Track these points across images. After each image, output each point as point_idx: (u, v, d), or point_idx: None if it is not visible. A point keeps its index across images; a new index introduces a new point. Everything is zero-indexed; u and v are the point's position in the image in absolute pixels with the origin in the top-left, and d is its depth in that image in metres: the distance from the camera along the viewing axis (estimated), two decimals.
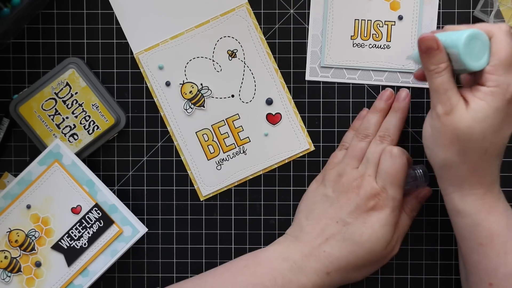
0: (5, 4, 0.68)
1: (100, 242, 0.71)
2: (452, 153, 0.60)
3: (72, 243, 0.71)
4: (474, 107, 0.58)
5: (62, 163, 0.72)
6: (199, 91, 0.75)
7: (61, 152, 0.72)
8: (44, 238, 0.72)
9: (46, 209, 0.72)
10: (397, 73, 0.75)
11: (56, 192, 0.72)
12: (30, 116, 0.73)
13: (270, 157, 0.75)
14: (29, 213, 0.72)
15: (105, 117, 0.74)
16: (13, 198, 0.72)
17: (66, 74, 0.73)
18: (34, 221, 0.72)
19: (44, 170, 0.72)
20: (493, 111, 0.57)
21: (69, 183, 0.72)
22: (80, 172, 0.72)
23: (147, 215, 0.76)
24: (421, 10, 0.74)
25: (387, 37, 0.75)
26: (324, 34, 0.75)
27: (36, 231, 0.71)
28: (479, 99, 0.58)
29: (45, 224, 0.72)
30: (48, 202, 0.72)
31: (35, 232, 0.71)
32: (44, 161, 0.72)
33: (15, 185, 0.72)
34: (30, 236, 0.71)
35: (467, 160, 0.60)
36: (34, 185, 0.72)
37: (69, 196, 0.72)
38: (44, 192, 0.72)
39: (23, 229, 0.71)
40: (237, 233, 0.76)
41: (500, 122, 0.58)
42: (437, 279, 0.75)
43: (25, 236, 0.71)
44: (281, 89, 0.75)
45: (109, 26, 0.75)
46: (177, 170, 0.76)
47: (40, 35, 0.75)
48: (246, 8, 0.75)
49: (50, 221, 0.72)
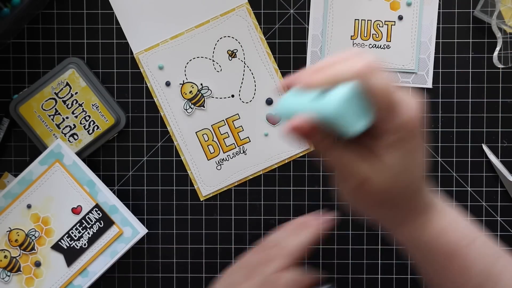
0: (5, 4, 0.68)
1: (100, 242, 0.71)
2: (380, 210, 0.53)
3: (72, 243, 0.71)
4: (381, 166, 0.48)
5: (63, 163, 0.72)
6: (199, 91, 0.75)
7: (62, 152, 0.72)
8: (44, 238, 0.72)
9: (47, 209, 0.72)
10: (397, 73, 0.75)
11: (57, 192, 0.72)
12: (30, 116, 0.73)
13: (270, 157, 0.75)
14: (29, 212, 0.72)
15: (105, 117, 0.73)
16: (14, 198, 0.72)
17: (66, 74, 0.73)
18: (34, 221, 0.72)
19: (45, 170, 0.72)
20: (402, 158, 0.48)
21: (69, 183, 0.72)
22: (81, 173, 0.72)
23: (147, 215, 0.76)
24: (421, 10, 0.74)
25: (387, 37, 0.75)
26: (324, 34, 0.75)
27: (36, 230, 0.71)
28: (384, 155, 0.48)
29: (45, 224, 0.72)
30: (49, 202, 0.72)
31: (35, 231, 0.71)
32: (45, 161, 0.72)
33: (15, 185, 0.72)
34: (30, 236, 0.71)
35: (398, 206, 0.52)
36: (35, 184, 0.72)
37: (70, 196, 0.72)
38: (45, 192, 0.72)
39: (23, 229, 0.71)
40: (237, 233, 0.76)
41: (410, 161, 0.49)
42: None
43: (25, 235, 0.71)
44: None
45: (109, 26, 0.75)
46: (177, 170, 0.76)
47: (40, 35, 0.75)
48: (246, 8, 0.75)
49: (50, 221, 0.72)
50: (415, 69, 0.74)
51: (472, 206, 0.75)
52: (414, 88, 0.75)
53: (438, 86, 0.75)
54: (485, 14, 0.73)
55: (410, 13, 0.74)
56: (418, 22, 0.74)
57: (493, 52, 0.74)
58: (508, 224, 0.75)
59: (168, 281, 0.76)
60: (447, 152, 0.75)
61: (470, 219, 0.75)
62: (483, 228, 0.75)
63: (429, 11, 0.74)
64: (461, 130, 0.75)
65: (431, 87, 0.75)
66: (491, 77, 0.75)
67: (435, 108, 0.75)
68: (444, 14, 0.75)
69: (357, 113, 0.45)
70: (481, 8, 0.73)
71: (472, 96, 0.75)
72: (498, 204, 0.75)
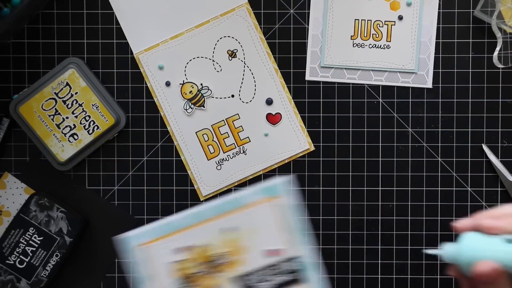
0: (5, 4, 0.68)
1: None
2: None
3: (254, 285, 0.67)
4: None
5: (279, 202, 0.67)
6: (199, 91, 0.75)
7: (281, 192, 0.67)
8: (232, 264, 0.67)
9: (246, 238, 0.67)
10: (397, 73, 0.75)
11: (261, 226, 0.67)
12: (30, 116, 0.73)
13: (270, 157, 0.75)
14: (227, 235, 0.67)
15: (105, 117, 0.74)
16: (220, 213, 0.67)
17: (66, 74, 0.73)
18: (229, 245, 0.67)
19: (258, 201, 0.67)
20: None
21: (276, 224, 0.67)
22: (291, 218, 0.67)
23: (147, 215, 0.76)
24: (421, 10, 0.74)
25: (387, 37, 0.75)
26: (324, 34, 0.75)
27: (226, 254, 0.67)
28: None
29: (238, 253, 0.67)
30: (250, 233, 0.67)
31: (225, 255, 0.67)
32: (261, 192, 0.67)
33: (225, 203, 0.67)
34: (218, 257, 0.67)
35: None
36: (245, 211, 0.67)
37: (272, 237, 0.67)
38: (250, 222, 0.67)
39: (216, 248, 0.67)
40: None
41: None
42: (437, 279, 0.75)
43: (215, 254, 0.67)
44: (281, 89, 0.75)
45: (109, 26, 0.75)
46: (177, 170, 0.76)
47: (40, 35, 0.75)
48: (246, 8, 0.75)
49: (244, 251, 0.67)
50: (415, 69, 0.74)
51: (472, 206, 0.75)
52: (414, 88, 0.75)
53: (438, 86, 0.75)
54: (485, 14, 0.73)
55: (410, 13, 0.74)
56: (418, 22, 0.74)
57: (493, 52, 0.74)
58: None
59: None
60: (447, 152, 0.75)
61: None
62: None
63: (429, 11, 0.74)
64: (461, 130, 0.75)
65: (431, 87, 0.75)
66: (491, 77, 0.75)
67: (435, 108, 0.75)
68: (444, 14, 0.75)
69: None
70: (481, 8, 0.73)
71: (472, 96, 0.75)
72: (498, 204, 0.75)
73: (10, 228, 0.73)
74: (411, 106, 0.75)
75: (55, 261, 0.73)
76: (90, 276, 0.76)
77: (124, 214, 0.76)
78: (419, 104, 0.75)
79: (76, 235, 0.73)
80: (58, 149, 0.74)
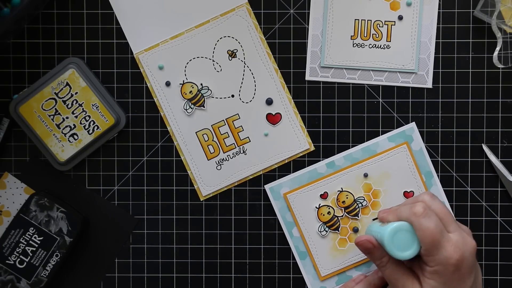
0: (5, 4, 0.68)
1: None
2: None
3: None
4: (426, 286, 0.62)
5: (411, 147, 0.74)
6: (199, 91, 0.75)
7: (413, 136, 0.74)
8: (369, 208, 0.74)
9: (381, 183, 0.74)
10: (397, 73, 0.75)
11: (395, 171, 0.74)
12: (30, 116, 0.73)
13: (270, 157, 0.75)
14: (364, 181, 0.74)
15: (105, 117, 0.74)
16: (354, 162, 0.74)
17: (66, 74, 0.73)
18: (366, 190, 0.74)
19: (392, 147, 0.74)
20: (443, 285, 0.61)
21: (410, 168, 0.74)
22: (424, 162, 0.74)
23: (147, 215, 0.76)
24: (421, 10, 0.74)
25: (387, 37, 0.75)
26: (324, 34, 0.75)
27: (364, 199, 0.74)
28: (428, 278, 0.62)
29: (374, 197, 0.74)
30: (384, 178, 0.74)
31: (363, 200, 0.74)
32: (394, 139, 0.74)
33: (358, 151, 0.74)
34: (358, 202, 0.74)
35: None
36: (377, 157, 0.74)
37: (406, 179, 0.74)
38: (384, 167, 0.74)
39: (353, 193, 0.74)
40: (237, 233, 0.76)
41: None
42: None
43: (353, 200, 0.74)
44: (281, 89, 0.75)
45: (109, 26, 0.75)
46: (177, 170, 0.76)
47: (40, 35, 0.75)
48: (246, 8, 0.75)
49: (380, 195, 0.74)
50: (415, 69, 0.74)
51: (472, 206, 0.75)
52: (414, 88, 0.75)
53: (438, 86, 0.75)
54: (485, 14, 0.73)
55: (410, 13, 0.74)
56: (418, 22, 0.74)
57: (493, 52, 0.74)
58: (508, 224, 0.75)
59: (168, 281, 0.76)
60: (447, 152, 0.75)
61: (470, 219, 0.76)
62: (483, 228, 0.75)
63: (429, 11, 0.74)
64: (461, 130, 0.75)
65: (431, 87, 0.75)
66: (491, 77, 0.75)
67: (435, 108, 0.75)
68: (444, 14, 0.75)
69: (406, 243, 0.62)
70: (481, 8, 0.73)
71: (472, 96, 0.75)
72: (498, 204, 0.75)
73: (10, 228, 0.73)
74: (411, 106, 0.75)
75: (55, 261, 0.73)
76: (90, 276, 0.76)
77: (124, 214, 0.76)
78: (419, 104, 0.75)
79: (76, 235, 0.73)
80: (58, 149, 0.74)
